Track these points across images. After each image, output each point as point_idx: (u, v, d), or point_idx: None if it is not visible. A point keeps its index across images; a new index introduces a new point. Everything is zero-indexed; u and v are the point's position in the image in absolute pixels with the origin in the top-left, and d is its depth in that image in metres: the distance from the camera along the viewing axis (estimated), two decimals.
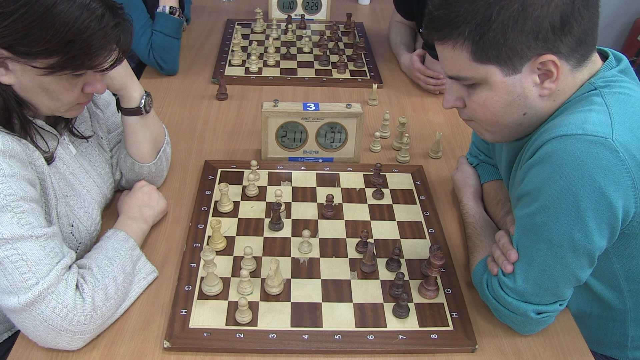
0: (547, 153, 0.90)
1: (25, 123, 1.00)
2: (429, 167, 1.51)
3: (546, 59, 0.91)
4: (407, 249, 1.23)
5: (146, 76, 1.88)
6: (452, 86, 1.03)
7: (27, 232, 0.92)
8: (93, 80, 1.03)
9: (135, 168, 1.28)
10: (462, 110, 1.06)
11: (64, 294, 0.93)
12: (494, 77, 0.94)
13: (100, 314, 0.98)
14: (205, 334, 1.02)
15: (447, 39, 0.95)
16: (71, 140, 1.17)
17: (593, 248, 0.92)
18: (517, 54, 0.91)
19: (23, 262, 0.91)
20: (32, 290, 0.91)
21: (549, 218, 0.91)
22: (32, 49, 0.90)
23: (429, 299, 1.12)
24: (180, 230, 1.26)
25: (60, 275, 0.94)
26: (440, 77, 1.84)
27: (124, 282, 1.04)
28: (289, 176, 1.43)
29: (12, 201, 0.92)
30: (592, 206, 0.88)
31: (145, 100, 1.23)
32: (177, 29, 1.84)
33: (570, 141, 0.88)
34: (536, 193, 0.92)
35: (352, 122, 1.44)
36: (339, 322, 1.06)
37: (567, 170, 0.87)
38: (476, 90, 0.98)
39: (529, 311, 0.99)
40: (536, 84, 0.94)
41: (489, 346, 1.05)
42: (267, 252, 1.20)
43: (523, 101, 0.96)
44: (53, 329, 0.93)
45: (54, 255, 0.95)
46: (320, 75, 1.93)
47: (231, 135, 1.61)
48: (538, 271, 0.95)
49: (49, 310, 0.92)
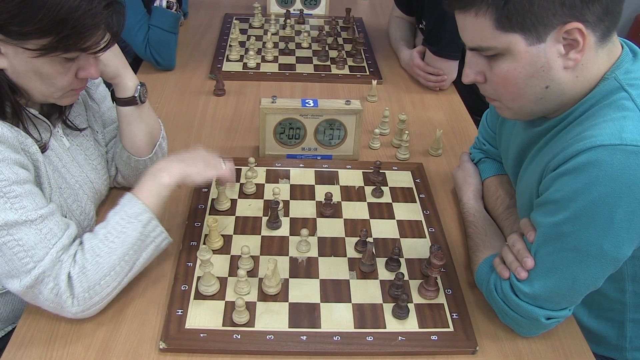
0: (582, 163, 0.87)
1: (17, 110, 1.00)
2: (429, 165, 1.50)
3: (572, 27, 0.87)
4: (407, 248, 1.22)
5: (143, 71, 1.86)
6: (473, 59, 0.99)
7: (22, 217, 0.94)
8: (86, 64, 1.03)
9: (131, 162, 1.26)
10: (483, 85, 1.02)
11: (59, 276, 0.96)
12: (517, 47, 0.91)
13: (100, 289, 0.99)
14: (201, 335, 1.01)
15: (469, 6, 0.91)
16: (65, 132, 1.16)
17: (620, 257, 0.90)
18: (542, 22, 0.87)
19: (20, 247, 0.94)
20: (30, 274, 0.94)
21: (579, 228, 0.89)
22: (23, 28, 0.90)
23: (429, 299, 1.10)
24: (177, 229, 1.25)
25: (56, 258, 0.96)
26: (441, 73, 1.82)
27: (127, 253, 1.02)
28: (287, 174, 1.41)
29: (4, 186, 0.93)
30: (627, 217, 0.86)
31: (140, 90, 1.22)
32: (174, 24, 1.82)
33: (609, 152, 0.85)
34: (565, 202, 0.90)
35: (351, 119, 1.42)
36: (337, 323, 1.05)
37: (604, 181, 0.85)
38: (498, 61, 0.94)
39: (539, 316, 0.97)
40: (561, 54, 0.90)
41: (490, 348, 1.04)
42: (264, 251, 1.19)
43: (546, 72, 0.92)
44: (55, 306, 0.98)
45: (52, 237, 0.97)
46: (319, 71, 1.91)
47: (229, 132, 1.59)
48: (559, 279, 0.94)
49: (47, 291, 0.96)
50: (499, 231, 1.19)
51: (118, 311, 1.06)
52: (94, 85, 1.28)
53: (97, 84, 1.29)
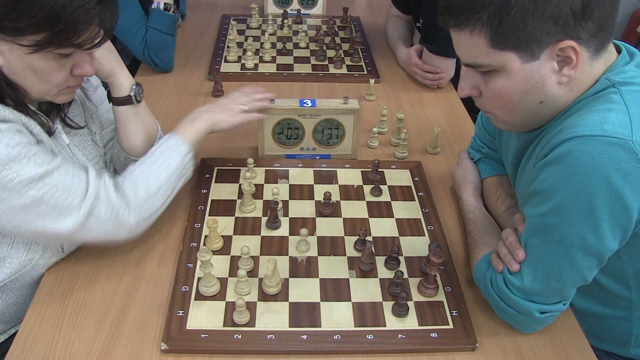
0: (563, 153, 0.88)
1: (18, 105, 1.02)
2: (427, 163, 1.50)
3: (565, 45, 0.89)
4: (406, 246, 1.22)
5: (141, 73, 1.86)
6: (468, 74, 1.01)
7: (47, 168, 0.99)
8: (81, 61, 1.05)
9: (128, 163, 1.26)
10: (479, 99, 1.04)
11: (107, 198, 1.05)
12: (511, 64, 0.92)
13: (147, 206, 1.11)
14: (202, 336, 1.01)
15: (464, 25, 0.93)
16: (65, 130, 1.17)
17: (604, 250, 0.91)
18: (536, 40, 0.89)
19: (60, 191, 1.00)
20: (82, 206, 1.02)
21: (562, 219, 0.90)
22: (18, 24, 0.92)
23: (428, 297, 1.11)
24: (177, 230, 1.25)
25: (97, 186, 1.05)
26: (438, 71, 1.82)
27: (169, 178, 1.15)
28: (286, 174, 1.42)
29: (22, 148, 0.97)
30: (608, 208, 0.86)
31: (136, 89, 1.24)
32: (172, 26, 1.82)
33: (589, 142, 0.86)
34: (549, 193, 0.91)
35: (349, 118, 1.43)
36: (337, 321, 1.05)
37: (583, 171, 0.86)
38: (493, 78, 0.96)
39: (533, 310, 0.98)
40: (555, 70, 0.92)
41: (490, 344, 1.04)
42: (264, 252, 1.19)
43: (540, 89, 0.94)
44: (113, 225, 1.06)
45: (80, 173, 1.04)
46: (317, 70, 1.92)
47: (227, 133, 1.59)
48: (546, 271, 0.94)
49: (102, 212, 1.04)
50: (498, 229, 1.19)
51: (120, 313, 1.06)
52: (92, 87, 1.29)
53: (96, 86, 1.30)
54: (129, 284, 1.12)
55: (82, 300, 1.09)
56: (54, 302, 1.08)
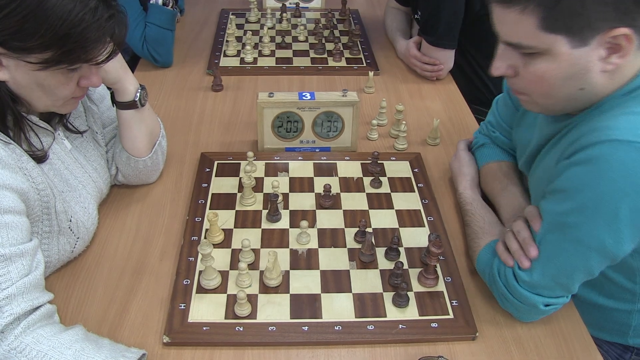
0: (594, 155, 0.86)
1: (19, 119, 0.99)
2: (426, 154, 1.50)
3: (620, 33, 0.83)
4: (406, 237, 1.23)
5: (140, 69, 1.87)
6: (506, 52, 0.94)
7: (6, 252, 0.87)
8: (89, 73, 1.02)
9: (130, 162, 1.27)
10: (512, 80, 0.97)
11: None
12: (559, 49, 0.87)
13: None
14: (204, 328, 1.02)
15: (515, 2, 0.86)
16: (66, 135, 1.16)
17: (620, 253, 0.90)
18: (590, 26, 0.83)
19: None
20: None
21: (583, 220, 0.89)
22: (26, 44, 0.89)
23: (428, 287, 1.11)
24: (178, 224, 1.26)
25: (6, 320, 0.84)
26: (437, 63, 1.82)
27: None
28: (285, 167, 1.42)
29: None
30: (631, 215, 0.86)
31: (141, 93, 1.22)
32: (171, 21, 1.83)
33: (622, 147, 0.84)
34: (573, 192, 0.89)
35: (348, 111, 1.43)
36: (338, 312, 1.06)
37: (613, 177, 0.84)
38: (535, 60, 0.90)
39: (538, 303, 0.98)
40: (601, 58, 0.87)
41: (490, 334, 1.05)
42: (265, 244, 1.20)
43: (583, 75, 0.89)
44: None
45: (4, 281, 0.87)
46: (316, 63, 1.92)
47: (227, 127, 1.60)
48: (557, 268, 0.94)
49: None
50: (497, 218, 1.19)
51: (122, 307, 1.07)
52: None
53: None
54: (130, 278, 1.13)
55: (84, 295, 1.09)
56: (56, 296, 1.08)
